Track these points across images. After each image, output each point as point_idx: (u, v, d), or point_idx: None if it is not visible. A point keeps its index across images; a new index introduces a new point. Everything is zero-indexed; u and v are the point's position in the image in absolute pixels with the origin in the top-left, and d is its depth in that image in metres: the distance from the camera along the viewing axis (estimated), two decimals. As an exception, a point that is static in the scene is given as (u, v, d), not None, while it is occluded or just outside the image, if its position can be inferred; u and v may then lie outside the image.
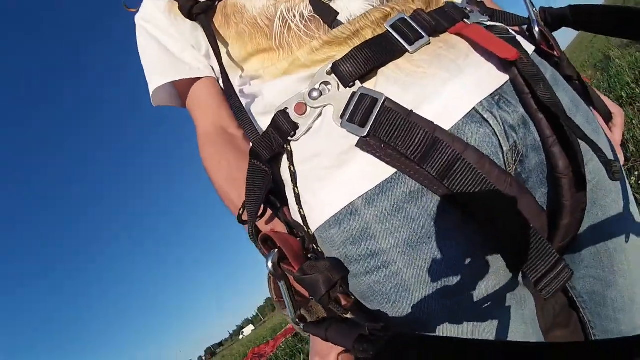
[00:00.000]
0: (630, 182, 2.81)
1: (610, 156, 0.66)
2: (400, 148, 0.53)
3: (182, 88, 0.88)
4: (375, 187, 0.57)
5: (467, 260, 0.57)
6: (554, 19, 0.75)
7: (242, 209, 0.71)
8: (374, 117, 0.55)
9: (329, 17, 0.62)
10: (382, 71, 0.59)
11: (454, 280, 0.57)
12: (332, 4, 0.63)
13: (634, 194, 0.74)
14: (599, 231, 0.66)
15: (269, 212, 0.72)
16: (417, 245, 0.57)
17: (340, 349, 0.66)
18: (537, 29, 0.70)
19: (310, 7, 0.64)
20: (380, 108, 0.55)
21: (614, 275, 0.68)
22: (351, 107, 0.57)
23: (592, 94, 0.76)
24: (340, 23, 0.62)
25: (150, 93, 0.86)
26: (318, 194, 0.62)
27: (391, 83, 0.58)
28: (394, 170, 0.56)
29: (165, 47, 0.84)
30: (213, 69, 0.85)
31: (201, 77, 0.85)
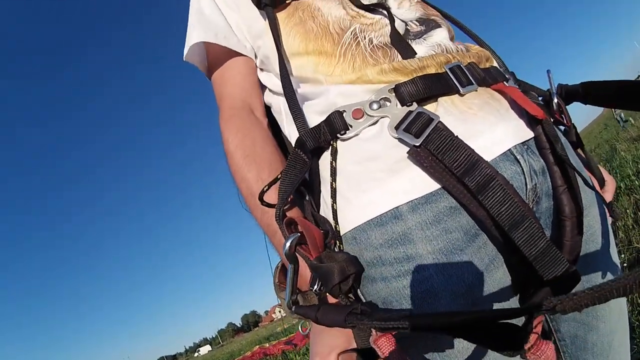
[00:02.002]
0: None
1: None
2: (446, 162, 0.61)
3: (217, 58, 0.90)
4: (422, 197, 0.64)
5: (488, 275, 0.65)
6: (567, 94, 0.85)
7: (267, 187, 0.73)
8: (429, 131, 0.62)
9: (408, 55, 0.72)
10: (441, 103, 0.68)
11: (477, 291, 0.64)
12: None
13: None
14: (586, 278, 0.73)
15: (290, 203, 0.74)
16: (450, 255, 0.63)
17: (341, 348, 0.67)
18: (555, 100, 0.81)
19: (382, 38, 0.74)
20: (435, 126, 0.62)
21: (597, 320, 0.75)
22: (408, 121, 0.64)
23: (591, 162, 0.88)
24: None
25: (189, 45, 0.87)
26: (367, 194, 0.66)
27: (448, 114, 0.67)
28: (438, 186, 0.64)
29: (222, 13, 0.86)
30: (255, 56, 0.88)
31: (244, 55, 0.88)
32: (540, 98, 0.81)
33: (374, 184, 0.66)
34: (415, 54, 0.72)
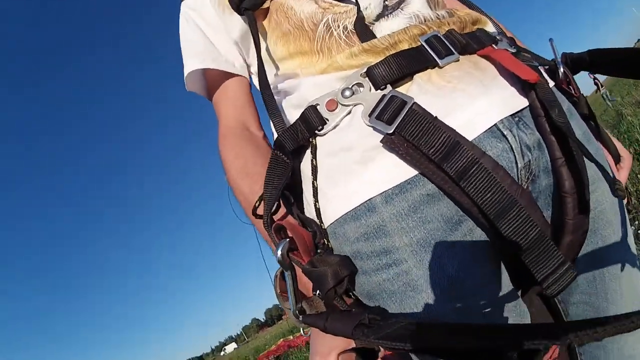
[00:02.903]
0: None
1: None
2: (422, 148, 0.56)
3: (213, 80, 0.92)
4: (395, 186, 0.60)
5: (475, 266, 0.60)
6: (573, 62, 0.77)
7: (258, 202, 0.73)
8: (402, 117, 0.58)
9: (367, 38, 0.67)
10: (415, 81, 0.63)
11: (461, 283, 0.59)
12: (375, 26, 0.69)
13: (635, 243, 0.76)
14: (597, 259, 0.67)
15: (281, 207, 0.74)
16: (429, 246, 0.60)
17: (341, 348, 0.67)
18: (561, 69, 0.73)
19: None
20: (408, 110, 0.58)
21: (607, 302, 0.69)
22: (380, 107, 0.60)
23: (604, 135, 0.80)
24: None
25: (185, 75, 0.89)
26: (342, 187, 0.64)
27: (423, 92, 0.62)
28: (414, 172, 0.59)
29: (208, 38, 0.87)
30: (248, 67, 0.90)
31: (235, 74, 0.89)
32: (546, 67, 0.75)
33: (347, 176, 0.64)
34: (375, 37, 0.67)
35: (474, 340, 0.39)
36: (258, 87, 0.89)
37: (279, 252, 0.61)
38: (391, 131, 0.58)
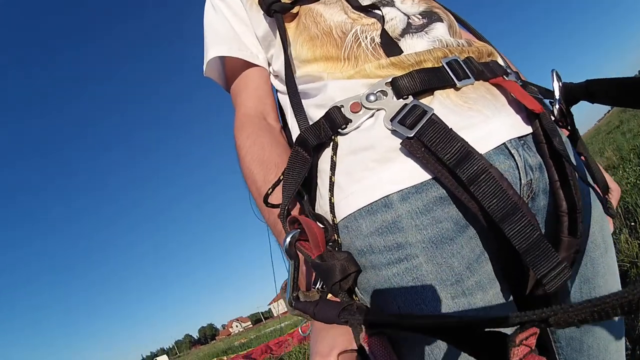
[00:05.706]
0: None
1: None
2: (439, 153, 0.60)
3: (234, 70, 0.94)
4: (412, 186, 0.64)
5: (480, 266, 0.64)
6: (573, 92, 0.82)
7: (270, 190, 0.75)
8: (422, 123, 0.62)
9: (393, 53, 0.72)
10: (436, 96, 0.68)
11: (467, 282, 0.63)
12: (401, 42, 0.74)
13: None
14: (585, 279, 0.72)
15: (294, 200, 0.76)
16: (440, 244, 0.63)
17: (341, 348, 0.66)
18: (557, 106, 0.79)
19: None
20: (428, 118, 0.62)
21: (595, 323, 0.73)
22: (403, 113, 0.65)
23: (595, 168, 0.85)
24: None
25: (206, 61, 0.92)
26: (360, 182, 0.67)
27: (442, 107, 0.67)
28: (429, 176, 0.64)
29: (234, 29, 0.91)
30: (269, 63, 0.93)
31: (258, 65, 0.92)
32: (548, 101, 0.80)
33: (366, 173, 0.67)
34: (402, 51, 0.72)
35: (451, 319, 0.44)
36: (276, 86, 0.93)
37: (287, 241, 0.64)
38: (411, 135, 0.62)
